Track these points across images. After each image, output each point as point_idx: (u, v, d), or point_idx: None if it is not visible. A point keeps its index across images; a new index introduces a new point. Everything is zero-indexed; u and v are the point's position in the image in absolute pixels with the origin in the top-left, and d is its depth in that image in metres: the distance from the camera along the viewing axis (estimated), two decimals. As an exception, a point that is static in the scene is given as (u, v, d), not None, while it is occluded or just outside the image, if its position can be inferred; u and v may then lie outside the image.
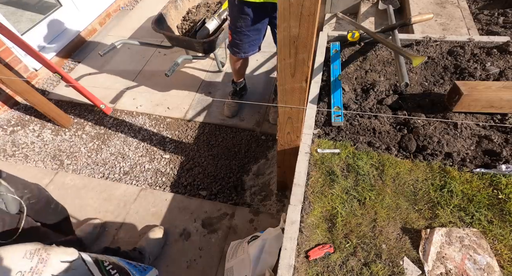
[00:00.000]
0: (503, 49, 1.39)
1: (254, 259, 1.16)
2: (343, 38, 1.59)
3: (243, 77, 2.26)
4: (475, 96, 1.11)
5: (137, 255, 1.46)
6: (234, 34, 1.75)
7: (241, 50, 1.83)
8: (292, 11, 0.69)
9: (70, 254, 0.65)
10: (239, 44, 1.79)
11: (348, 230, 0.92)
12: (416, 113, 1.21)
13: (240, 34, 1.72)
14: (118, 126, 2.35)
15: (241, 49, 1.82)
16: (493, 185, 0.97)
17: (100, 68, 2.83)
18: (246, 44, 1.77)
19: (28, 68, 2.63)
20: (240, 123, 2.28)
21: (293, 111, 1.03)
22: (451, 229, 0.89)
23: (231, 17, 1.70)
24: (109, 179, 2.03)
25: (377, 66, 1.44)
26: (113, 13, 3.52)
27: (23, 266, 0.56)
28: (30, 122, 2.43)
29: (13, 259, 0.56)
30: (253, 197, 1.88)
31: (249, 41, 1.76)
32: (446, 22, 2.00)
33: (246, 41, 1.75)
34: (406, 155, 1.09)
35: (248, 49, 1.82)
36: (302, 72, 0.86)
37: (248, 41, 1.75)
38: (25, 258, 0.57)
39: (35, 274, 0.57)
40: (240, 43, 1.78)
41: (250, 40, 1.75)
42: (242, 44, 1.78)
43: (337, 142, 1.15)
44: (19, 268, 0.56)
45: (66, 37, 2.97)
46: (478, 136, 1.10)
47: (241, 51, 1.84)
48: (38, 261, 0.58)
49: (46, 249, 0.61)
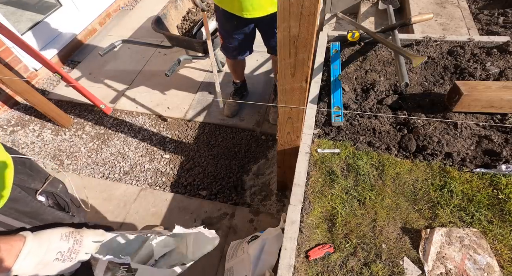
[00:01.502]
0: (503, 49, 1.39)
1: (254, 259, 1.16)
2: (343, 38, 1.59)
3: (242, 77, 2.26)
4: (475, 96, 1.11)
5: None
6: (224, 38, 1.80)
7: (232, 52, 1.87)
8: (292, 11, 0.69)
9: (100, 236, 0.73)
10: (230, 47, 1.83)
11: (348, 230, 0.92)
12: (416, 113, 1.21)
13: (229, 38, 1.76)
14: (118, 126, 2.35)
15: (232, 51, 1.86)
16: (493, 185, 0.97)
17: (100, 68, 2.83)
18: (236, 46, 1.81)
19: (28, 68, 2.63)
20: (240, 123, 2.28)
21: (293, 111, 1.03)
22: (451, 229, 0.89)
23: (219, 22, 1.74)
24: (109, 179, 2.03)
25: (377, 66, 1.44)
26: (113, 13, 3.52)
27: (61, 247, 0.64)
28: (30, 122, 2.43)
29: (52, 241, 0.63)
30: (253, 197, 1.88)
31: (239, 44, 1.79)
32: (446, 22, 2.00)
33: (235, 43, 1.79)
34: (406, 155, 1.09)
35: (238, 52, 1.86)
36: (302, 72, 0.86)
37: (237, 44, 1.79)
38: (62, 240, 0.65)
39: (72, 253, 0.65)
40: (230, 46, 1.82)
41: (239, 43, 1.79)
42: (232, 47, 1.82)
43: (337, 142, 1.15)
44: (58, 249, 0.64)
45: (66, 37, 2.97)
46: (478, 136, 1.10)
47: (233, 53, 1.88)
48: (74, 242, 0.66)
49: (79, 232, 0.69)
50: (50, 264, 0.62)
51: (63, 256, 0.64)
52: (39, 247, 0.62)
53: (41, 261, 0.61)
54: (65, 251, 0.64)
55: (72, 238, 0.66)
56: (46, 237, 0.64)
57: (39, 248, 0.61)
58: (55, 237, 0.65)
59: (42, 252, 0.61)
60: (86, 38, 3.19)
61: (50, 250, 0.63)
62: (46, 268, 0.62)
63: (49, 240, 0.63)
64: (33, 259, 0.60)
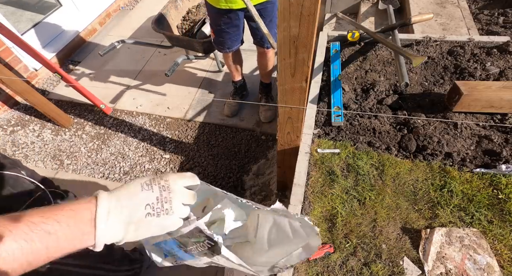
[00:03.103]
0: (503, 49, 1.39)
1: (254, 259, 1.16)
2: (343, 38, 1.59)
3: (241, 75, 2.26)
4: (475, 96, 1.11)
5: (137, 256, 1.46)
6: (215, 32, 1.85)
7: (224, 46, 1.91)
8: (292, 11, 0.69)
9: (190, 178, 0.54)
10: (222, 41, 1.87)
11: (348, 230, 0.92)
12: (416, 113, 1.21)
13: (221, 32, 1.81)
14: (118, 126, 2.35)
15: (225, 45, 1.90)
16: (493, 185, 0.97)
17: (100, 68, 2.83)
18: (228, 40, 1.87)
19: (28, 68, 2.63)
20: (240, 123, 2.28)
21: (293, 111, 1.03)
22: (451, 229, 0.89)
23: (210, 17, 1.79)
24: (109, 179, 2.03)
25: (377, 66, 1.44)
26: (113, 13, 3.52)
27: (148, 198, 0.48)
28: (30, 122, 2.43)
29: (134, 193, 0.48)
30: (253, 197, 1.88)
31: (230, 37, 1.85)
32: (446, 22, 2.00)
33: (227, 37, 1.84)
34: (406, 155, 1.09)
35: (231, 45, 1.91)
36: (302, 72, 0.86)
37: (229, 37, 1.85)
38: (145, 190, 0.49)
39: (164, 203, 0.49)
40: (222, 40, 1.87)
41: (231, 36, 1.85)
42: (224, 40, 1.86)
43: (337, 142, 1.15)
44: (144, 200, 0.48)
45: (66, 37, 2.97)
46: (478, 136, 1.10)
47: (225, 46, 1.92)
48: (160, 190, 0.50)
49: (161, 176, 0.52)
50: (144, 222, 0.47)
51: (155, 209, 0.48)
52: (119, 203, 0.46)
53: (130, 220, 0.46)
54: (154, 203, 0.48)
55: (156, 185, 0.49)
56: (124, 191, 0.48)
57: (119, 204, 0.46)
58: (135, 188, 0.49)
59: (126, 209, 0.46)
60: (86, 38, 3.19)
61: (136, 205, 0.47)
62: (141, 228, 0.47)
63: (128, 193, 0.48)
64: (117, 220, 0.45)
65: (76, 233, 0.42)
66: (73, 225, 0.42)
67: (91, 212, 0.44)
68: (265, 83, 2.27)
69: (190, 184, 0.53)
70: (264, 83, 2.28)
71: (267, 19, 1.73)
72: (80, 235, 0.43)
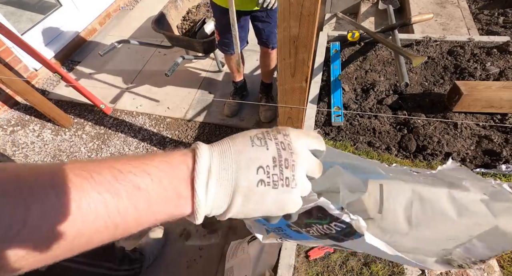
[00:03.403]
0: (503, 49, 1.39)
1: (254, 259, 1.16)
2: (343, 38, 1.59)
3: (242, 76, 2.26)
4: (475, 96, 1.11)
5: (138, 256, 1.46)
6: (221, 33, 1.82)
7: (230, 47, 1.88)
8: (292, 11, 0.69)
9: (316, 139, 0.36)
10: (227, 42, 1.84)
11: (348, 230, 0.92)
12: (416, 113, 1.21)
13: (226, 33, 1.78)
14: (118, 126, 2.35)
15: (230, 46, 1.87)
16: (493, 185, 0.97)
17: (100, 68, 2.83)
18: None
19: (28, 68, 2.63)
20: (240, 123, 2.28)
21: (293, 111, 1.03)
22: (451, 229, 0.88)
23: (215, 18, 1.77)
24: (109, 179, 2.03)
25: (377, 66, 1.44)
26: (113, 13, 3.52)
27: (260, 157, 0.31)
28: (30, 122, 2.43)
29: (242, 151, 0.32)
30: (253, 197, 1.88)
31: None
32: (446, 22, 2.00)
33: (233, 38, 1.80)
34: (406, 155, 1.09)
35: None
36: (302, 72, 0.86)
37: None
38: (257, 146, 0.32)
39: (284, 168, 0.31)
40: (228, 41, 1.84)
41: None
42: (229, 42, 1.83)
43: (337, 142, 1.15)
44: (257, 161, 0.31)
45: (66, 37, 2.97)
46: (478, 136, 1.10)
47: (230, 48, 1.89)
48: (278, 147, 0.32)
49: (279, 130, 0.34)
50: (255, 193, 0.31)
51: (271, 176, 0.31)
52: (222, 161, 0.31)
53: (237, 186, 0.31)
54: (269, 166, 0.31)
55: (272, 140, 0.32)
56: (228, 144, 0.32)
57: (223, 162, 0.31)
58: (243, 142, 0.32)
59: (232, 170, 0.31)
60: (86, 38, 3.19)
61: (245, 165, 0.31)
62: (251, 201, 0.31)
63: (235, 148, 0.32)
64: (221, 184, 0.30)
65: (171, 193, 0.30)
66: (167, 182, 0.30)
67: (188, 168, 0.31)
68: (266, 83, 2.27)
69: (316, 148, 0.35)
70: (265, 83, 2.28)
71: (273, 20, 1.74)
72: (175, 198, 0.30)
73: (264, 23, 1.78)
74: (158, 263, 1.57)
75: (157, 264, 1.57)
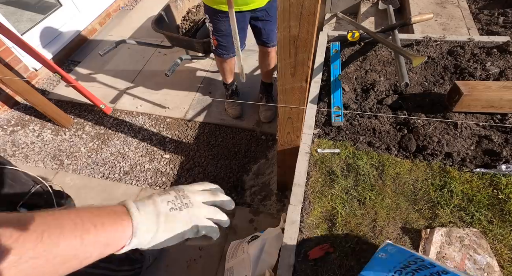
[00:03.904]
0: (503, 49, 1.39)
1: (254, 259, 1.16)
2: (343, 38, 1.59)
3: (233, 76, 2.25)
4: (475, 96, 1.11)
5: (138, 256, 1.46)
6: (219, 38, 1.78)
7: (229, 51, 1.86)
8: (292, 11, 0.69)
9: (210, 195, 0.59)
10: (226, 46, 1.82)
11: (348, 230, 0.92)
12: (416, 113, 1.21)
13: (225, 37, 1.76)
14: (118, 126, 2.35)
15: (229, 50, 1.85)
16: (493, 185, 0.97)
17: (100, 68, 2.83)
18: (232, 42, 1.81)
19: (28, 68, 2.63)
20: (240, 123, 2.28)
21: (293, 111, 1.03)
22: (451, 229, 0.89)
23: (213, 23, 1.72)
24: (109, 179, 2.03)
25: (377, 66, 1.44)
26: (113, 13, 3.52)
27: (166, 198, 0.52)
28: (30, 122, 2.43)
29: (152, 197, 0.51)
30: (253, 197, 1.88)
31: None
32: (446, 22, 2.00)
33: (232, 41, 1.77)
34: (406, 155, 1.09)
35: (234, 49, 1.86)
36: (302, 72, 0.86)
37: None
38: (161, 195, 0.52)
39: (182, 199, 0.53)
40: (227, 45, 1.81)
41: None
42: (228, 45, 1.81)
43: (337, 142, 1.15)
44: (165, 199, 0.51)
45: (66, 37, 2.97)
46: (478, 136, 1.10)
47: (230, 51, 1.87)
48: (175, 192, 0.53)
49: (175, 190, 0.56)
50: (170, 215, 0.49)
51: (176, 204, 0.51)
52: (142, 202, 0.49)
53: (158, 212, 0.48)
54: (173, 200, 0.51)
55: (171, 191, 0.54)
56: (143, 198, 0.51)
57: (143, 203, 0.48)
58: (152, 196, 0.52)
59: (151, 205, 0.48)
60: (86, 38, 3.19)
61: (158, 202, 0.49)
62: (170, 221, 0.49)
63: (147, 197, 0.51)
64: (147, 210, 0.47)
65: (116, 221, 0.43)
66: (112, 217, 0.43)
67: (122, 207, 0.46)
68: (267, 83, 2.27)
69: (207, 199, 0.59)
70: (265, 83, 2.28)
71: (273, 18, 1.73)
72: (119, 223, 0.43)
73: (264, 22, 1.77)
74: (158, 263, 1.57)
75: (157, 264, 1.57)
